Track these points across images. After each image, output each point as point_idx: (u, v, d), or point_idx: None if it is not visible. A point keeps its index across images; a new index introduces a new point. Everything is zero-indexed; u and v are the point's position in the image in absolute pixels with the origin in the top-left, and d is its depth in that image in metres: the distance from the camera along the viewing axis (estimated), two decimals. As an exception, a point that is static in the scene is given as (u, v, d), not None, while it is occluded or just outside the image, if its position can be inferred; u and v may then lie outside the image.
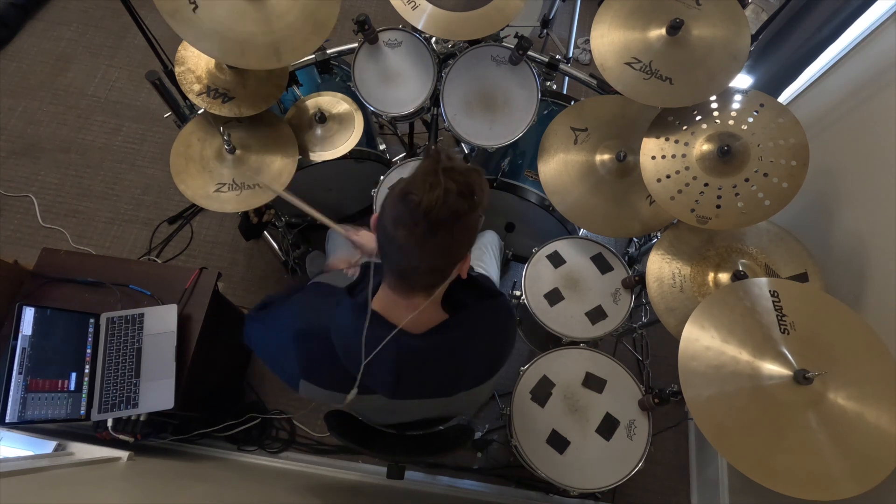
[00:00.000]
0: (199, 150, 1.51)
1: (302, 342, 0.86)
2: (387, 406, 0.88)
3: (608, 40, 1.35)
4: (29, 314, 1.33)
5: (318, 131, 1.66)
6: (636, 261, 1.77)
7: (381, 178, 1.66)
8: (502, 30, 1.57)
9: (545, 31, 2.49)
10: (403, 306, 0.79)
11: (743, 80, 2.07)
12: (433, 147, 0.72)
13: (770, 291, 1.19)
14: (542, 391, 1.40)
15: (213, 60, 1.49)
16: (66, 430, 1.51)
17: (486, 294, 0.92)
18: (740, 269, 1.35)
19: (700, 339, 1.15)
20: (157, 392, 1.40)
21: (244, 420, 1.89)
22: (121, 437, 1.38)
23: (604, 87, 1.78)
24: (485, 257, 1.58)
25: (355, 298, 0.85)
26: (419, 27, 1.42)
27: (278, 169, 1.52)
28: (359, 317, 0.81)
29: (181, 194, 1.46)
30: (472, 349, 0.87)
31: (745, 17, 1.31)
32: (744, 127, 1.32)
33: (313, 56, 1.70)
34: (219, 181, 1.48)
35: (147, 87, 1.77)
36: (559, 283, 1.53)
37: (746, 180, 1.28)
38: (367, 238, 1.16)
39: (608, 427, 1.36)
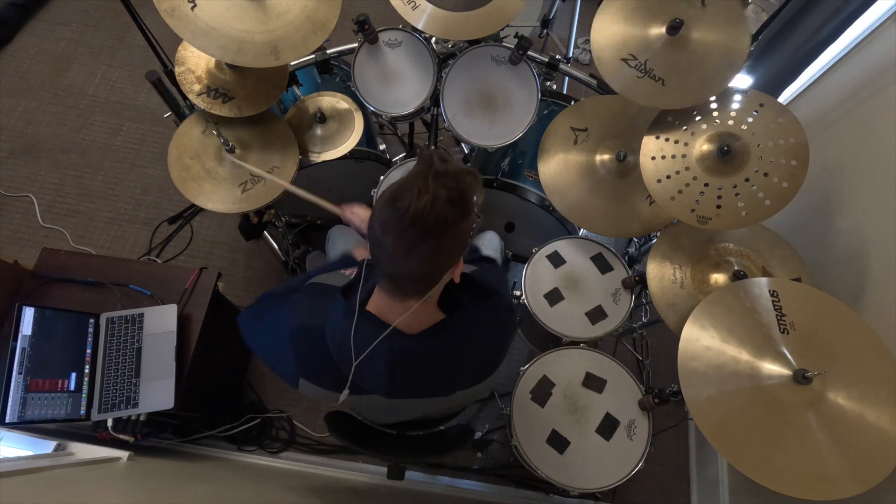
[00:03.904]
0: (201, 167, 1.49)
1: (298, 341, 0.87)
2: (385, 405, 0.88)
3: (609, 32, 1.34)
4: (29, 314, 1.33)
5: (318, 131, 1.65)
6: (636, 261, 1.77)
7: (381, 178, 1.66)
8: (502, 30, 1.57)
9: (545, 31, 2.49)
10: (398, 308, 0.79)
11: (743, 80, 2.06)
12: (426, 149, 0.71)
13: (770, 291, 1.19)
14: (542, 391, 1.40)
15: (213, 60, 1.48)
16: (66, 430, 1.51)
17: (483, 293, 0.91)
18: (740, 269, 1.35)
19: (700, 339, 1.15)
20: (157, 392, 1.40)
21: (244, 420, 1.89)
22: (121, 437, 1.38)
23: (604, 87, 1.78)
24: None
25: (349, 299, 0.85)
26: (419, 27, 1.42)
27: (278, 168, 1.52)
28: (351, 317, 0.81)
29: (181, 194, 1.45)
30: (468, 350, 0.87)
31: (746, 24, 1.31)
32: (744, 127, 1.31)
33: (313, 56, 1.69)
34: (240, 181, 1.49)
35: (147, 87, 1.76)
36: (559, 283, 1.53)
37: (746, 180, 1.28)
38: (362, 215, 1.15)
39: (608, 427, 1.36)
